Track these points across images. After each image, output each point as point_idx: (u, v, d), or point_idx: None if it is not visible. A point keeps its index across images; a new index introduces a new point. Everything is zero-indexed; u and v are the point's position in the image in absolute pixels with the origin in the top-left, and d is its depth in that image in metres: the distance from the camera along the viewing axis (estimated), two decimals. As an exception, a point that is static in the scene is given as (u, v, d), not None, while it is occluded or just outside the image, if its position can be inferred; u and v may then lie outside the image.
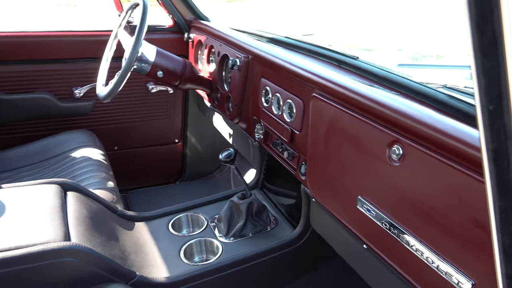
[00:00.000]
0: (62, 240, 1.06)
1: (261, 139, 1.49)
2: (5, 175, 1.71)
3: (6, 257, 0.97)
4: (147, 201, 2.18)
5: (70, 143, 1.86)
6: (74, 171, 1.67)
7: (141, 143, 2.26)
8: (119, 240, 1.29)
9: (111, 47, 1.71)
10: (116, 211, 1.45)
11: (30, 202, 1.19)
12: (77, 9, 11.20)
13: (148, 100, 2.18)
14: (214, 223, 1.50)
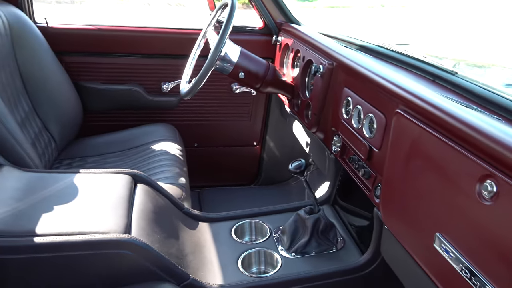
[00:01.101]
0: (122, 232, 1.07)
1: (337, 152, 1.39)
2: (93, 159, 1.82)
3: (68, 241, 1.00)
4: (220, 201, 2.18)
5: (152, 136, 1.92)
6: (151, 163, 1.71)
7: (221, 142, 2.27)
8: (179, 238, 1.28)
9: (199, 45, 1.73)
10: (182, 208, 1.45)
11: (101, 189, 1.22)
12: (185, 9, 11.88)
13: (231, 101, 2.18)
14: (277, 234, 1.43)
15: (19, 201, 1.12)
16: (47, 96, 1.76)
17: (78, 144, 1.92)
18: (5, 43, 1.60)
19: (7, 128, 1.33)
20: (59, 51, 1.87)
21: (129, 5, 10.96)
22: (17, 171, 1.26)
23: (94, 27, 1.94)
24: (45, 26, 1.87)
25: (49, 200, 1.14)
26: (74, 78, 1.94)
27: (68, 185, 1.22)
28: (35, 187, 1.19)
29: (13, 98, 1.60)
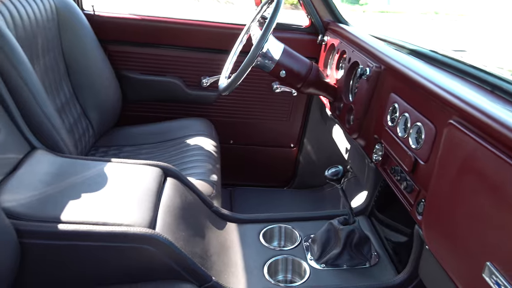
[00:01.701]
0: (147, 227, 1.03)
1: (378, 162, 1.30)
2: (128, 149, 1.82)
3: (91, 231, 0.98)
4: (251, 201, 2.13)
5: (188, 130, 1.90)
6: (184, 158, 1.68)
7: (257, 142, 2.22)
8: (205, 238, 1.24)
9: (241, 41, 1.68)
10: (211, 206, 1.41)
11: (130, 180, 1.20)
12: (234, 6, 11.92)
13: (271, 100, 2.12)
14: (308, 243, 1.36)
15: (47, 185, 1.11)
16: (88, 83, 1.77)
17: (115, 132, 1.92)
18: (51, 28, 1.61)
19: (44, 112, 1.33)
20: (103, 39, 1.87)
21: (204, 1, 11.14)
22: (50, 156, 1.26)
23: (139, 17, 1.94)
24: (92, 13, 1.88)
25: (77, 187, 1.13)
26: (116, 67, 1.95)
27: (97, 174, 1.20)
28: (65, 173, 1.18)
29: (55, 82, 1.62)
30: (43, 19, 1.54)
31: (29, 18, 1.45)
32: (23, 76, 1.28)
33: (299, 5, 1.97)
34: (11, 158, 1.17)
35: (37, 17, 1.50)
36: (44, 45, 1.55)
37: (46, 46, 1.56)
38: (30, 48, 1.43)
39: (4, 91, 1.23)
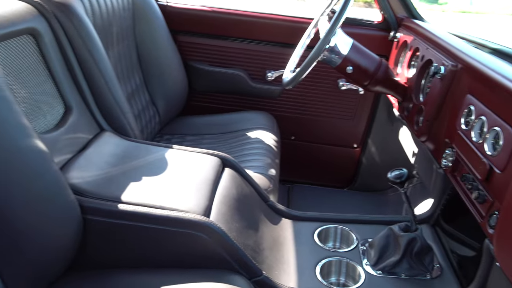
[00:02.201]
0: (201, 214, 1.04)
1: (448, 167, 1.21)
2: (191, 138, 1.86)
3: (147, 213, 1.00)
4: (309, 199, 2.09)
5: (251, 123, 1.90)
6: (244, 150, 1.68)
7: (318, 139, 2.17)
8: (258, 231, 1.23)
9: (309, 35, 1.65)
10: (266, 200, 1.39)
11: (189, 168, 1.22)
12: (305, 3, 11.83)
13: (336, 97, 2.06)
14: (365, 247, 1.30)
15: (112, 166, 1.16)
16: (158, 72, 1.83)
17: (179, 121, 1.97)
18: (126, 17, 1.68)
19: (114, 97, 1.39)
20: (174, 30, 1.93)
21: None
22: (116, 138, 1.32)
23: (209, 8, 1.97)
24: (165, 4, 1.94)
25: (139, 170, 1.16)
26: (184, 58, 1.99)
27: (159, 159, 1.24)
28: (129, 156, 1.23)
29: (127, 70, 1.69)
30: (119, 8, 1.61)
31: (106, 7, 1.52)
32: (97, 62, 1.34)
33: (373, 1, 1.89)
34: (81, 138, 1.24)
35: (114, 6, 1.57)
36: (119, 33, 1.62)
37: (120, 35, 1.63)
38: (105, 35, 1.51)
39: (79, 75, 1.30)
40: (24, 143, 0.86)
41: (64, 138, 1.17)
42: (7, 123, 0.84)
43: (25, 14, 1.15)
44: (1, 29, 1.04)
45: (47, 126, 1.16)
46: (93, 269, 1.04)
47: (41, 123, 1.14)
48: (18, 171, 0.85)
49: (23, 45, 1.14)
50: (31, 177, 0.87)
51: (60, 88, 1.24)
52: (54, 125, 1.18)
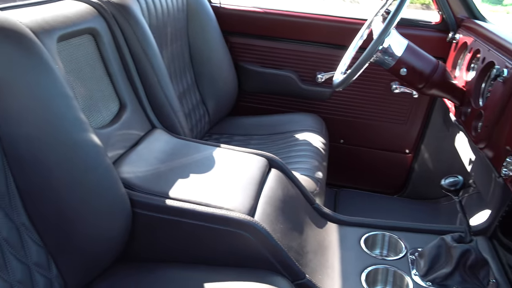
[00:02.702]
0: (246, 213, 1.04)
1: (508, 177, 1.13)
2: (239, 138, 1.87)
3: (193, 210, 1.02)
4: (356, 204, 2.04)
5: (299, 125, 1.89)
6: (291, 152, 1.67)
7: (368, 144, 2.12)
8: (303, 234, 1.21)
9: (361, 36, 1.61)
10: (312, 203, 1.38)
11: (235, 167, 1.23)
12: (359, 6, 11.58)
13: (388, 100, 2.00)
14: (414, 256, 1.25)
15: (161, 163, 1.19)
16: (209, 72, 1.86)
17: (228, 121, 1.99)
18: (180, 18, 1.73)
19: (166, 96, 1.43)
20: (226, 31, 1.95)
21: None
22: (167, 135, 1.35)
23: (261, 10, 1.98)
24: (218, 6, 1.97)
25: (187, 167, 1.19)
26: (235, 58, 2.02)
27: (206, 157, 1.25)
28: (178, 153, 1.26)
29: (180, 69, 1.73)
30: (174, 9, 1.66)
31: (162, 8, 1.57)
32: (151, 61, 1.39)
33: (431, 3, 1.82)
34: (134, 134, 1.28)
35: (168, 7, 1.61)
36: (173, 34, 1.66)
37: (174, 35, 1.68)
38: (160, 35, 1.55)
39: (134, 73, 1.35)
40: (81, 137, 0.90)
41: (118, 134, 1.21)
42: (65, 117, 0.88)
43: (86, 14, 1.21)
44: (64, 29, 1.10)
45: (102, 121, 1.21)
46: (139, 262, 1.07)
47: (97, 119, 1.19)
48: (73, 163, 0.89)
49: (83, 44, 1.20)
50: (86, 170, 0.91)
51: (115, 86, 1.29)
52: (109, 121, 1.23)
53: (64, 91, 0.89)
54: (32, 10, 1.10)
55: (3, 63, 0.80)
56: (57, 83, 0.88)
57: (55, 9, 1.14)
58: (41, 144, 0.84)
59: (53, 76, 0.87)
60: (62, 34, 1.09)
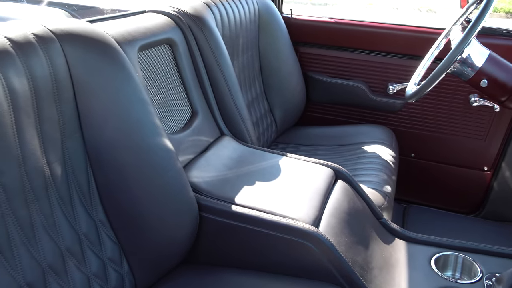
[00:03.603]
0: (310, 224, 1.03)
1: None
2: (305, 148, 1.87)
3: (257, 217, 1.03)
4: (427, 222, 1.94)
5: (367, 137, 1.84)
6: (358, 164, 1.63)
7: (443, 159, 2.01)
8: (368, 249, 1.17)
9: (438, 46, 1.54)
10: (379, 217, 1.33)
11: (301, 177, 1.22)
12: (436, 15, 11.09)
13: (466, 114, 1.89)
14: (490, 281, 1.16)
15: (229, 169, 1.22)
16: (277, 82, 1.88)
17: (294, 131, 2.00)
18: (252, 29, 1.77)
19: (236, 104, 1.46)
20: (296, 41, 1.97)
21: (378, 8, 10.95)
22: (235, 143, 1.38)
23: (333, 20, 1.97)
24: (289, 17, 1.99)
25: (253, 174, 1.20)
26: (304, 68, 2.02)
27: (272, 165, 1.26)
28: (245, 160, 1.28)
29: (249, 79, 1.77)
30: (246, 20, 1.70)
31: (235, 19, 1.61)
32: (223, 70, 1.43)
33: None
34: (203, 140, 1.33)
35: (241, 19, 1.66)
36: (244, 44, 1.71)
37: (245, 46, 1.72)
38: (232, 46, 1.60)
39: (206, 81, 1.40)
40: (155, 141, 0.95)
41: (189, 140, 1.26)
42: (142, 122, 0.93)
43: (165, 26, 1.28)
44: (145, 39, 1.17)
45: (175, 127, 1.27)
46: (202, 264, 1.10)
47: (170, 124, 1.25)
48: (147, 166, 0.94)
49: (161, 54, 1.27)
50: (158, 172, 0.96)
51: (188, 93, 1.34)
52: (181, 127, 1.29)
53: (143, 98, 0.95)
54: (117, 22, 1.18)
55: (91, 70, 0.87)
56: (137, 90, 0.93)
57: (137, 21, 1.23)
58: (119, 147, 0.90)
59: (134, 83, 0.93)
60: (143, 44, 1.16)
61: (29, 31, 0.80)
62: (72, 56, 0.85)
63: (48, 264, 0.81)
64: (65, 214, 0.85)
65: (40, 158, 0.80)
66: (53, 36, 0.83)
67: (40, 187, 0.80)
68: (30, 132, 0.78)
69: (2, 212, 0.73)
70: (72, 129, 0.86)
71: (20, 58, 0.76)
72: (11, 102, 0.73)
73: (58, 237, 0.83)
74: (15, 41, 0.76)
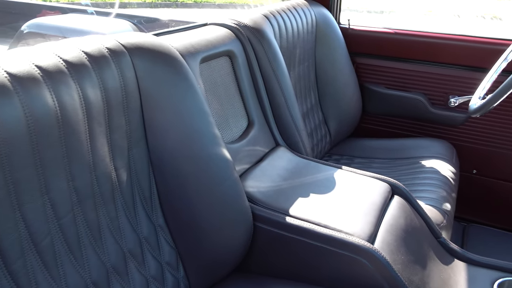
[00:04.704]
0: (365, 239, 1.02)
1: None
2: (359, 160, 1.84)
3: (312, 230, 1.03)
4: (489, 243, 1.84)
5: (426, 151, 1.78)
6: (416, 179, 1.58)
7: (508, 177, 1.90)
8: (426, 269, 1.13)
9: (506, 58, 1.47)
10: (438, 236, 1.28)
11: (356, 190, 1.21)
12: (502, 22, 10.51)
13: None
14: (561, 312, 1.08)
15: (283, 180, 1.22)
16: (333, 93, 1.87)
17: (349, 142, 1.97)
18: (309, 40, 1.77)
19: (292, 115, 1.47)
20: (353, 52, 1.95)
21: (437, 15, 10.57)
22: (290, 154, 1.39)
23: (391, 30, 1.93)
24: (347, 27, 1.98)
25: (307, 186, 1.20)
26: (361, 79, 1.99)
27: (327, 178, 1.26)
28: (299, 172, 1.28)
29: (305, 90, 1.77)
30: (303, 31, 1.71)
31: (292, 30, 1.63)
32: (280, 81, 1.45)
33: None
34: (259, 150, 1.34)
35: (299, 30, 1.67)
36: (301, 55, 1.71)
37: (302, 56, 1.73)
38: (289, 57, 1.61)
39: (263, 92, 1.42)
40: (215, 151, 0.98)
41: (245, 150, 1.28)
42: (203, 132, 0.97)
43: (225, 38, 1.32)
44: (206, 52, 1.21)
45: (231, 137, 1.29)
46: (253, 274, 1.11)
47: (227, 134, 1.28)
48: (206, 175, 0.97)
49: (221, 65, 1.30)
50: (216, 181, 0.98)
51: (245, 104, 1.37)
52: (237, 136, 1.31)
53: (204, 108, 0.98)
54: (181, 35, 1.23)
55: (157, 82, 0.91)
56: (199, 101, 0.97)
57: (199, 34, 1.27)
58: (180, 156, 0.94)
59: (196, 95, 0.97)
60: (204, 56, 1.20)
61: (103, 45, 0.86)
62: (141, 68, 0.89)
63: (112, 265, 0.85)
64: (128, 218, 0.90)
65: (109, 164, 0.85)
66: (124, 50, 0.88)
67: (107, 191, 0.85)
68: (100, 140, 0.83)
69: (74, 214, 0.79)
70: (138, 138, 0.91)
71: (95, 70, 0.81)
72: (86, 112, 0.79)
73: (121, 239, 0.88)
74: (91, 54, 0.82)
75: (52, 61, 0.76)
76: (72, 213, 0.78)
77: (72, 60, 0.78)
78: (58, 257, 0.76)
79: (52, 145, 0.73)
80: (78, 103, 0.77)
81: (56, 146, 0.74)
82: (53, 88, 0.73)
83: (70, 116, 0.76)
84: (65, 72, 0.76)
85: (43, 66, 0.74)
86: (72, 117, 0.76)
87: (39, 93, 0.71)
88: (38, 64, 0.74)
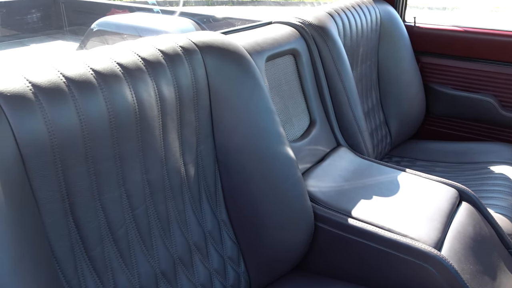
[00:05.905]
0: (432, 246, 0.98)
1: None
2: (422, 163, 1.77)
3: (375, 233, 1.01)
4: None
5: (496, 156, 1.68)
6: (483, 185, 1.50)
7: None
8: (496, 280, 1.07)
9: None
10: (509, 247, 1.21)
11: (421, 195, 1.17)
12: None
13: None
14: None
15: (345, 181, 1.21)
16: (394, 93, 1.81)
17: (410, 144, 1.90)
18: (373, 38, 1.73)
19: (354, 115, 1.45)
20: (418, 51, 1.88)
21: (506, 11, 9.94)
22: (351, 154, 1.37)
23: (460, 28, 1.84)
24: (412, 25, 1.91)
25: (370, 188, 1.18)
26: (425, 79, 1.92)
27: (390, 180, 1.22)
28: (361, 173, 1.26)
29: (366, 88, 1.73)
30: (367, 29, 1.67)
31: (357, 28, 1.59)
32: (343, 80, 1.43)
33: None
34: (320, 150, 1.33)
35: (363, 28, 1.64)
36: (364, 53, 1.68)
37: (365, 55, 1.69)
38: (352, 55, 1.58)
39: (326, 91, 1.41)
40: (279, 149, 0.98)
41: (307, 148, 1.28)
42: (268, 130, 0.97)
43: (290, 37, 1.32)
44: (272, 50, 1.22)
45: (294, 135, 1.29)
46: (312, 273, 1.11)
47: (290, 133, 1.28)
48: (270, 173, 0.97)
49: (285, 63, 1.30)
50: (280, 179, 0.99)
51: (308, 103, 1.36)
52: (299, 135, 1.31)
53: (269, 107, 0.99)
54: (248, 33, 1.25)
55: (226, 79, 0.93)
56: (264, 99, 0.98)
57: (265, 32, 1.28)
58: (246, 153, 0.95)
59: (262, 93, 0.97)
60: (270, 55, 1.21)
61: (177, 43, 0.89)
62: (211, 66, 0.91)
63: (179, 256, 0.88)
64: (194, 212, 0.92)
65: (179, 159, 0.88)
66: (196, 48, 0.91)
67: (177, 185, 0.88)
68: (172, 136, 0.86)
69: (146, 205, 0.82)
70: (206, 134, 0.93)
71: (170, 68, 0.84)
72: (160, 108, 0.82)
73: (188, 232, 0.91)
74: (166, 52, 0.85)
75: (131, 59, 0.79)
76: (144, 204, 0.82)
77: (149, 58, 0.82)
78: (132, 246, 0.80)
79: (130, 139, 0.77)
80: (154, 99, 0.80)
81: (133, 140, 0.78)
82: (132, 85, 0.77)
83: (147, 111, 0.79)
84: (143, 70, 0.79)
85: (123, 63, 0.77)
86: (148, 113, 0.79)
87: (120, 90, 0.75)
88: (119, 62, 0.77)
